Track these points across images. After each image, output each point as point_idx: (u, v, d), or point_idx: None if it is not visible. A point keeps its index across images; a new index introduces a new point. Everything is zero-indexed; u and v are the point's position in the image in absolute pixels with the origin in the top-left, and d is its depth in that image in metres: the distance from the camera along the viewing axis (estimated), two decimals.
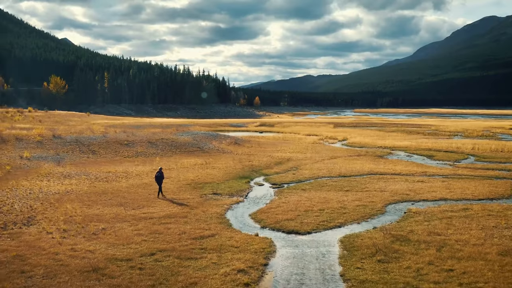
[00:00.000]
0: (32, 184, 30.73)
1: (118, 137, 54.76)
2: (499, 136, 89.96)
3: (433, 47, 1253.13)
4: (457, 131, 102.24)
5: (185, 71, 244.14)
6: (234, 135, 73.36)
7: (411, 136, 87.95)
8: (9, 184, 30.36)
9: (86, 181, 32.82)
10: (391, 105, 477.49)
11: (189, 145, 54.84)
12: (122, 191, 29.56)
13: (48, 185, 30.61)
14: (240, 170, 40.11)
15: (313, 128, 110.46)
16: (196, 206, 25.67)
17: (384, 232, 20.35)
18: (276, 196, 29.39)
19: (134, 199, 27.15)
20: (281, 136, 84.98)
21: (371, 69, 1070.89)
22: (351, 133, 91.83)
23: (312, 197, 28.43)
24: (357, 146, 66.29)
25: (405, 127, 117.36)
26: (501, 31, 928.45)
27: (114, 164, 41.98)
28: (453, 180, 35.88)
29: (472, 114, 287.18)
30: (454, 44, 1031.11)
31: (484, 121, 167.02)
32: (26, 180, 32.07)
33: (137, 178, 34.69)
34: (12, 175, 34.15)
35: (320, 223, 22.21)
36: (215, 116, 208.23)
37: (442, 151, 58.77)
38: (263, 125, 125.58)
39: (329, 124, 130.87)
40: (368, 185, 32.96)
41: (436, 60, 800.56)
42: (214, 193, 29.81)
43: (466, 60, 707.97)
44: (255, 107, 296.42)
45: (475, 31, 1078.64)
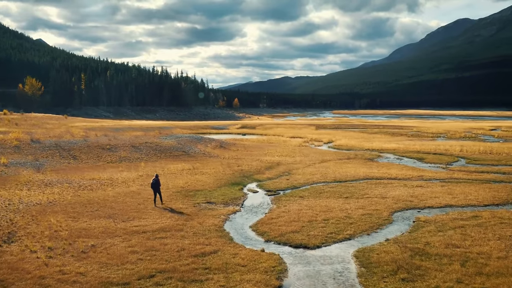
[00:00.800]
0: (11, 193, 28.54)
1: (100, 141, 52.51)
2: (481, 138, 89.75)
3: (408, 48, 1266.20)
4: (439, 133, 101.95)
5: (163, 72, 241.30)
6: (218, 138, 71.54)
7: (395, 138, 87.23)
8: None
9: (69, 189, 30.72)
10: (369, 107, 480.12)
11: (174, 149, 52.88)
12: (109, 200, 27.58)
13: (28, 194, 28.44)
14: (230, 176, 38.41)
15: (295, 130, 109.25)
16: (190, 217, 23.88)
17: (400, 245, 18.87)
18: (274, 204, 27.73)
19: (123, 210, 25.23)
20: (265, 138, 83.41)
21: (348, 70, 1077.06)
22: (335, 135, 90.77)
23: (312, 205, 26.85)
24: (344, 148, 65.11)
25: (386, 129, 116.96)
26: (475, 33, 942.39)
27: (97, 170, 39.87)
28: (452, 184, 34.70)
29: (449, 115, 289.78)
30: (429, 46, 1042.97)
31: (463, 122, 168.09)
32: (4, 189, 29.84)
33: (123, 186, 32.71)
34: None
35: (328, 236, 20.62)
36: (194, 118, 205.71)
37: (431, 153, 57.88)
38: (245, 127, 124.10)
39: (310, 126, 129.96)
40: (367, 191, 31.54)
41: (412, 62, 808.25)
42: (207, 202, 28.04)
43: (441, 61, 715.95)
44: (234, 108, 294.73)
45: (449, 33, 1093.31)
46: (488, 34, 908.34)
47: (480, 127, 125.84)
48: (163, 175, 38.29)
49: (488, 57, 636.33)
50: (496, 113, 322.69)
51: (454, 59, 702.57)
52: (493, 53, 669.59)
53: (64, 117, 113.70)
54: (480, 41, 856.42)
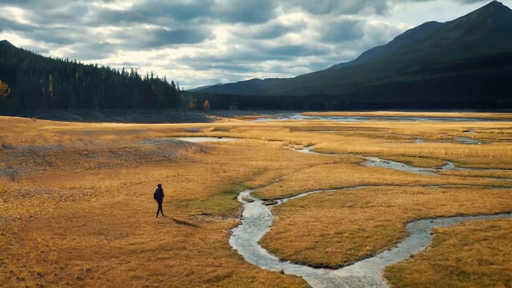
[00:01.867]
0: None
1: (76, 146, 49.69)
2: (458, 139, 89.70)
3: (376, 51, 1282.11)
4: (415, 134, 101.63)
5: (133, 74, 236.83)
6: (197, 142, 69.20)
7: (374, 140, 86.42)
8: None
9: (50, 200, 28.15)
10: (339, 108, 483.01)
11: (155, 154, 50.45)
12: (95, 213, 25.19)
13: (6, 207, 25.77)
14: (219, 183, 36.34)
15: (270, 132, 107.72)
16: (190, 232, 21.73)
17: (430, 263, 17.19)
18: (275, 215, 25.77)
19: (114, 224, 22.93)
20: (243, 141, 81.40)
21: (317, 72, 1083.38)
22: (313, 137, 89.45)
23: (318, 216, 25.01)
24: (326, 152, 63.66)
25: (361, 131, 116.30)
26: (442, 36, 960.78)
27: (76, 178, 37.26)
28: (453, 190, 33.35)
29: (419, 116, 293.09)
30: (397, 49, 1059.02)
31: (434, 123, 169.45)
32: None
33: (108, 196, 30.28)
34: None
35: (348, 252, 18.78)
36: (165, 120, 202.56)
37: (417, 156, 56.88)
38: (218, 129, 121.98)
39: (284, 128, 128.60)
40: (370, 199, 29.89)
41: (380, 64, 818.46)
42: (203, 214, 25.91)
43: (409, 64, 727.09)
44: (205, 111, 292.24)
45: (417, 36, 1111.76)
46: (455, 37, 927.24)
47: (453, 128, 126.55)
48: (147, 182, 36.03)
49: (455, 59, 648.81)
50: (464, 114, 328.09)
51: (422, 62, 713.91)
52: (460, 55, 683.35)
53: (33, 120, 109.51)
54: (447, 44, 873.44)
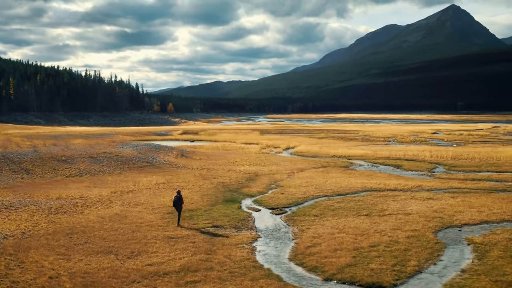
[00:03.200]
0: None
1: (52, 151, 46.57)
2: (432, 142, 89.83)
3: (338, 53, 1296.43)
4: (387, 137, 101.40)
5: (96, 77, 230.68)
6: (174, 146, 66.54)
7: (349, 143, 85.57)
8: None
9: (39, 213, 25.39)
10: (302, 111, 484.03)
11: (137, 160, 47.80)
12: (95, 228, 22.69)
13: None
14: (215, 190, 34.19)
15: (241, 135, 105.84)
16: (209, 249, 19.58)
17: (491, 279, 15.63)
18: (293, 226, 23.83)
19: (119, 241, 20.55)
20: (219, 145, 79.11)
21: (279, 75, 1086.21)
22: (287, 140, 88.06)
23: (339, 227, 23.22)
24: (309, 155, 62.10)
25: (333, 133, 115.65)
26: (402, 39, 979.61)
27: (59, 187, 34.41)
28: (460, 195, 32.07)
29: (382, 118, 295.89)
30: (359, 51, 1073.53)
31: (401, 126, 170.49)
32: None
33: (101, 207, 27.71)
34: None
35: (395, 269, 16.98)
36: (130, 123, 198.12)
37: (403, 159, 55.97)
38: (187, 132, 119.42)
39: (254, 131, 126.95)
40: (382, 206, 28.30)
41: (342, 67, 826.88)
42: (214, 226, 23.73)
43: (371, 66, 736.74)
44: (169, 113, 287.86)
45: (378, 39, 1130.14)
46: (415, 40, 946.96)
47: (421, 130, 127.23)
48: (137, 190, 33.58)
49: (416, 62, 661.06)
50: (425, 116, 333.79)
51: (383, 64, 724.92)
52: (420, 58, 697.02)
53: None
54: (407, 46, 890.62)
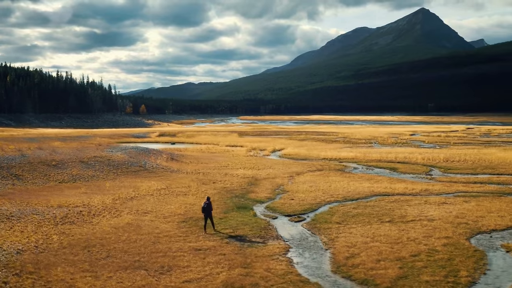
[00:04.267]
0: None
1: (41, 156, 44.40)
2: (414, 143, 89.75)
3: (309, 56, 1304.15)
4: (368, 139, 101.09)
5: (68, 78, 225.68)
6: (160, 149, 64.73)
7: (333, 145, 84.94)
8: None
9: (46, 224, 23.65)
10: (274, 112, 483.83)
11: (129, 164, 46.01)
12: (111, 240, 21.16)
13: None
14: (220, 196, 32.86)
15: (220, 137, 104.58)
16: (243, 261, 18.28)
17: None
18: (320, 235, 22.70)
19: (143, 254, 19.09)
20: (203, 148, 77.56)
21: (251, 77, 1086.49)
22: (270, 142, 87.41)
23: (368, 234, 22.24)
24: (298, 158, 61.07)
25: (311, 135, 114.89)
26: (373, 42, 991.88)
27: (55, 194, 32.55)
28: (473, 200, 31.36)
29: (355, 120, 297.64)
30: (330, 53, 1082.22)
31: (377, 127, 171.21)
32: None
33: (110, 215, 26.09)
34: None
35: (449, 281, 16.03)
36: (103, 125, 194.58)
37: (395, 162, 55.33)
38: (163, 134, 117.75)
39: (232, 132, 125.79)
40: (400, 212, 27.39)
41: (313, 69, 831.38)
42: (236, 235, 22.39)
43: (342, 69, 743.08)
44: (141, 115, 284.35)
45: (348, 41, 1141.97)
46: (385, 43, 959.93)
47: (399, 132, 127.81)
48: (140, 197, 32.01)
49: (386, 64, 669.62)
50: (397, 118, 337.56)
51: (353, 67, 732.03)
52: (390, 60, 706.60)
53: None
54: (378, 49, 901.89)
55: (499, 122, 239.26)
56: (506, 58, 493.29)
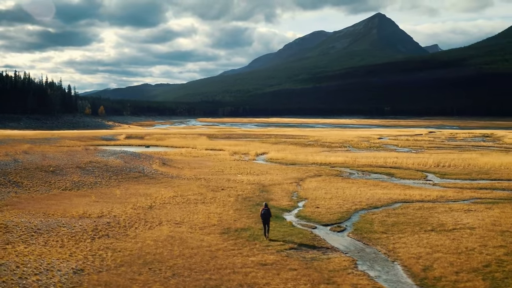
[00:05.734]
0: (10, 254, 19.37)
1: (34, 161, 42.06)
2: (388, 148, 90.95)
3: (267, 58, 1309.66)
4: (340, 142, 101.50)
5: (26, 78, 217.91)
6: (148, 152, 62.83)
7: (311, 149, 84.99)
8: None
9: (81, 237, 21.98)
10: (232, 115, 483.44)
11: (128, 170, 44.22)
12: (165, 254, 19.79)
13: (39, 252, 19.42)
14: (241, 204, 31.81)
15: (191, 140, 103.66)
16: (322, 277, 17.33)
17: None
18: (375, 246, 21.97)
19: (211, 271, 17.87)
20: (183, 151, 75.92)
21: (208, 78, 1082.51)
22: (246, 146, 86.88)
23: (425, 245, 21.65)
24: (288, 163, 60.33)
25: (282, 138, 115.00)
26: (330, 45, 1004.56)
27: (64, 202, 30.71)
28: (494, 206, 31.28)
29: (315, 123, 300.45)
30: (287, 56, 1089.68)
31: (344, 131, 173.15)
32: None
33: (142, 227, 24.61)
34: None
35: None
36: (63, 127, 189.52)
37: (387, 167, 55.40)
38: (131, 137, 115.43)
39: (201, 135, 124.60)
40: (434, 220, 26.94)
41: (271, 71, 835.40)
42: (292, 248, 21.38)
43: (299, 72, 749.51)
44: (100, 116, 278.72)
45: (306, 45, 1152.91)
46: (342, 47, 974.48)
47: (367, 135, 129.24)
48: (159, 206, 30.64)
49: (343, 68, 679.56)
50: (356, 121, 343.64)
51: (311, 70, 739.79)
52: (347, 64, 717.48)
53: None
54: (335, 52, 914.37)
55: (456, 126, 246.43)
56: (460, 63, 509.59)
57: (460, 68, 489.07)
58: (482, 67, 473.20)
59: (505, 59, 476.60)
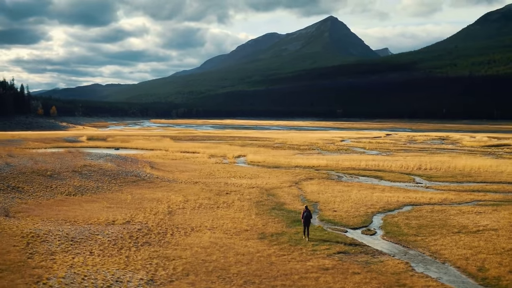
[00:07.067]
0: (55, 268, 18.77)
1: (26, 165, 40.54)
2: (356, 150, 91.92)
3: (219, 59, 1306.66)
4: (307, 145, 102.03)
5: None
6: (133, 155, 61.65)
7: (285, 152, 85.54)
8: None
9: (123, 245, 21.52)
10: (186, 116, 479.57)
11: (124, 174, 43.35)
12: (222, 262, 19.56)
13: (101, 262, 18.90)
14: (259, 209, 31.79)
15: (156, 142, 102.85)
16: (389, 280, 17.60)
17: None
18: (416, 248, 22.43)
19: (281, 277, 17.87)
20: (159, 154, 75.27)
21: (160, 79, 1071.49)
22: (218, 148, 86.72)
23: (463, 246, 22.43)
24: (272, 166, 60.18)
25: (247, 140, 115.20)
26: (282, 47, 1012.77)
27: (77, 209, 29.88)
28: (498, 208, 32.63)
29: (270, 125, 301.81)
30: (240, 58, 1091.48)
31: (304, 133, 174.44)
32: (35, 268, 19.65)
33: (178, 234, 24.21)
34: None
35: None
36: (16, 128, 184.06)
37: (371, 170, 56.20)
38: (92, 138, 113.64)
39: (164, 137, 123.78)
40: (454, 222, 27.71)
41: (224, 73, 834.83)
42: (339, 252, 21.71)
43: (252, 73, 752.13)
44: (53, 117, 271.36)
45: (259, 46, 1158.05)
46: (295, 49, 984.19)
47: (330, 138, 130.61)
48: (176, 212, 30.42)
49: (296, 70, 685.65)
50: (310, 123, 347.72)
51: (264, 72, 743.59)
52: (300, 66, 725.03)
53: None
54: (287, 55, 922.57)
55: (408, 129, 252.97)
56: (410, 67, 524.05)
57: (410, 71, 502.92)
58: (432, 71, 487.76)
59: (453, 64, 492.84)
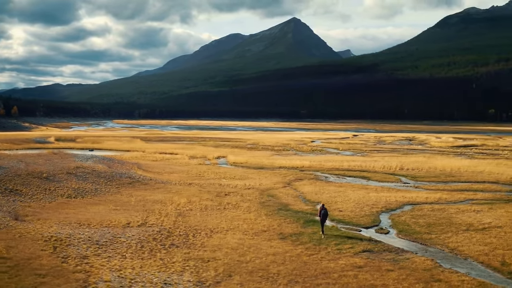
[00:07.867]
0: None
1: (18, 166, 39.59)
2: (330, 151, 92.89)
3: (182, 60, 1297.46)
4: (280, 146, 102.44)
5: None
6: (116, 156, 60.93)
7: (262, 152, 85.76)
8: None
9: (153, 248, 21.55)
10: (149, 116, 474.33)
11: (118, 176, 42.97)
12: (257, 263, 19.85)
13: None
14: (266, 210, 32.13)
15: (128, 144, 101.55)
16: (423, 276, 18.34)
17: None
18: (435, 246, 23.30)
19: (319, 276, 18.33)
20: (138, 155, 73.94)
21: (122, 79, 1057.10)
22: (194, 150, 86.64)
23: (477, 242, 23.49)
24: (257, 167, 60.39)
25: (216, 141, 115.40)
26: (246, 48, 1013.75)
27: (82, 211, 29.66)
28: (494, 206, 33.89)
29: (236, 126, 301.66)
30: (203, 58, 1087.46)
31: (274, 134, 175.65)
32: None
33: (201, 236, 24.35)
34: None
35: None
36: None
37: (356, 170, 57.00)
38: (60, 139, 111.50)
39: (134, 138, 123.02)
40: (458, 220, 28.70)
41: (187, 73, 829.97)
42: (364, 251, 22.30)
43: (215, 74, 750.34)
44: (15, 117, 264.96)
45: (222, 47, 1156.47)
46: (258, 50, 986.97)
47: (300, 139, 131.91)
48: (184, 214, 30.59)
49: (259, 71, 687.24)
50: (274, 124, 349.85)
51: (227, 72, 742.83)
52: (263, 67, 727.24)
53: None
54: (251, 55, 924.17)
55: (372, 129, 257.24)
56: (372, 69, 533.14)
57: (372, 73, 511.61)
58: (393, 72, 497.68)
59: (414, 66, 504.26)
